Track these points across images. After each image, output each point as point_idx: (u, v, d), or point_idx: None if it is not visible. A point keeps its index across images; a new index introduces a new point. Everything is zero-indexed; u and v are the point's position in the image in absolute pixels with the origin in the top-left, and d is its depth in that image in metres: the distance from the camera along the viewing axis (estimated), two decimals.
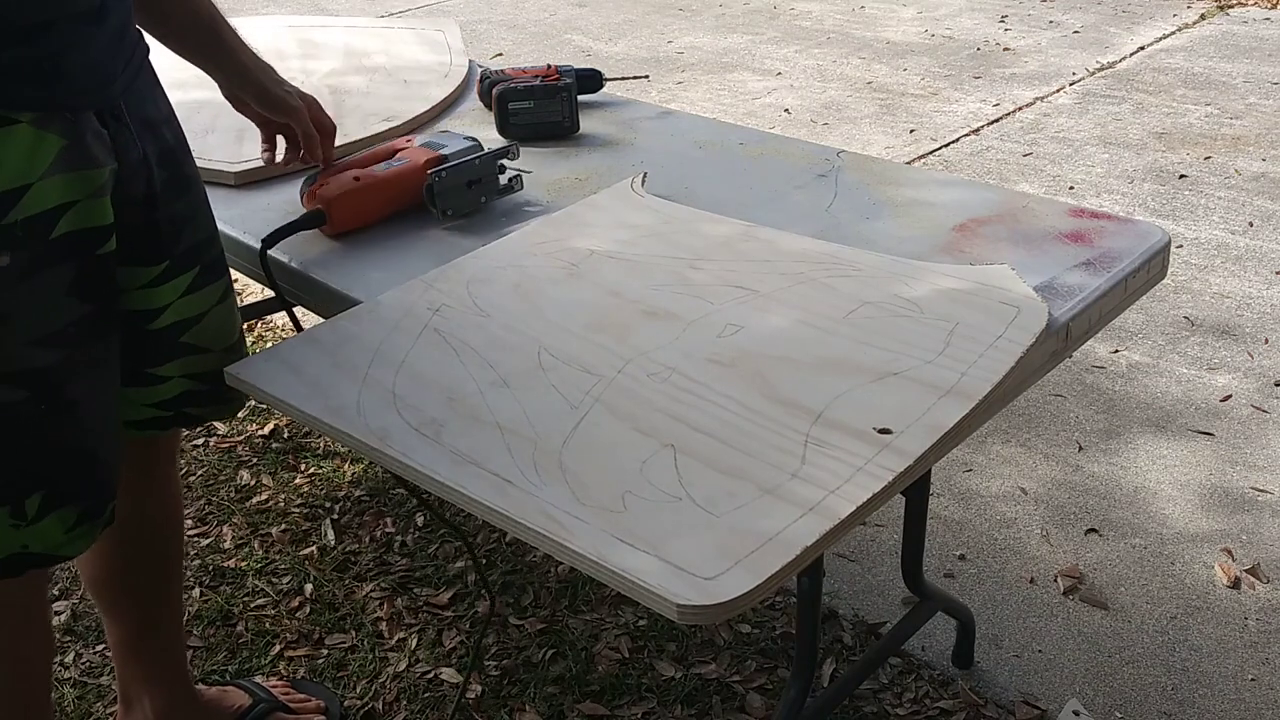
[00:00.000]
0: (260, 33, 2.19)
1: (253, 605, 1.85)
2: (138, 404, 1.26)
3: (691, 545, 0.88)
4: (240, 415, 2.35)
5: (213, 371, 1.24)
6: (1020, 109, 3.95)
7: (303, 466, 2.19)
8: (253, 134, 1.70)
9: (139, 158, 1.13)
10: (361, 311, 1.22)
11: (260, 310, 2.53)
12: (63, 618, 1.84)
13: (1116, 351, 2.47)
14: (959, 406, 1.02)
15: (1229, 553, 1.88)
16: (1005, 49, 4.64)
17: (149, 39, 1.21)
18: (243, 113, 1.42)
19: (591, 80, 1.84)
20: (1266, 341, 2.48)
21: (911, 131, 3.78)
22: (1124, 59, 4.43)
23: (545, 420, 1.03)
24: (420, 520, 2.02)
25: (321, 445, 2.24)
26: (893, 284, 1.23)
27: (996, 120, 3.86)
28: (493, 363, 1.11)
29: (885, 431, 0.99)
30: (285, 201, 1.53)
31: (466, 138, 1.52)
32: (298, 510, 2.07)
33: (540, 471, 0.96)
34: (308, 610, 1.83)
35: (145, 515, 1.39)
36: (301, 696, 1.61)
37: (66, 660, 1.76)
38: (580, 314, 1.20)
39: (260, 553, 1.97)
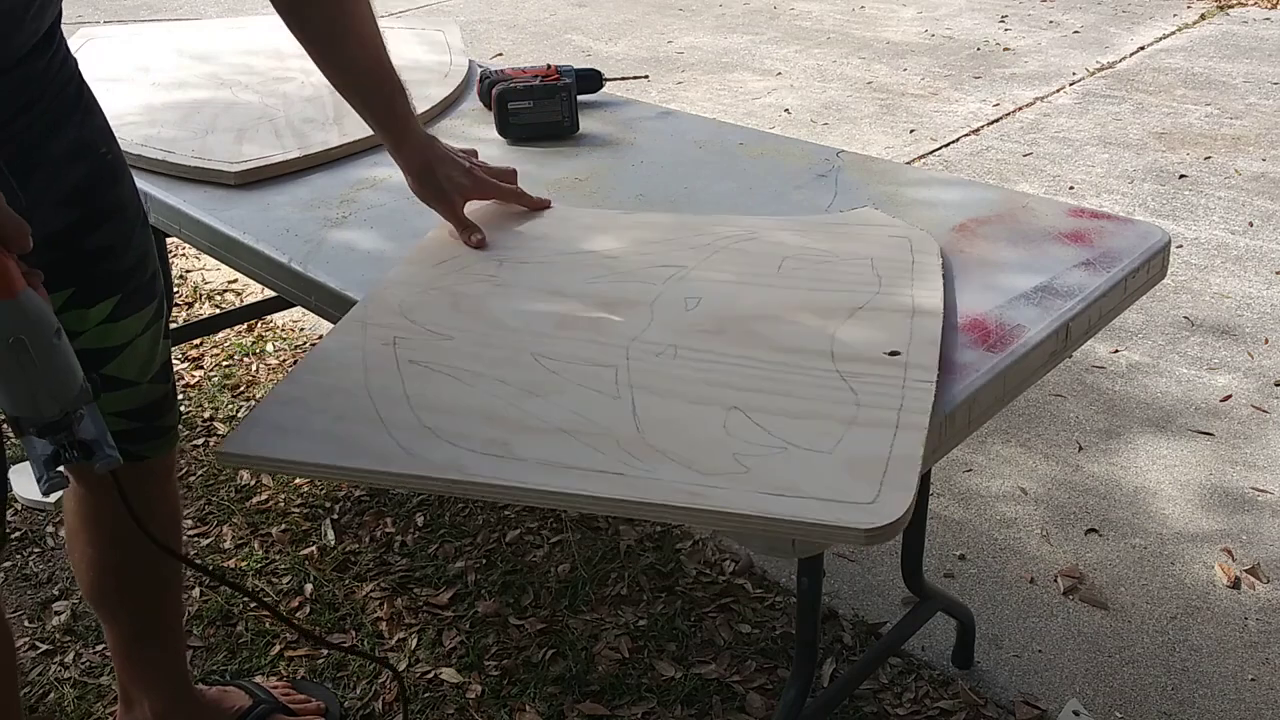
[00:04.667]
0: (260, 33, 2.20)
1: (253, 605, 1.85)
2: None
3: (830, 481, 0.91)
4: (240, 415, 2.35)
5: (143, 406, 1.19)
6: (1020, 109, 3.95)
7: None
8: (253, 134, 1.70)
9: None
10: (314, 364, 1.14)
11: (260, 310, 2.54)
12: (63, 618, 1.84)
13: (1116, 351, 2.47)
14: (933, 321, 1.13)
15: (1229, 553, 1.88)
16: (1005, 49, 4.64)
17: None
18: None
19: (591, 80, 1.83)
20: (1266, 341, 2.48)
21: (911, 131, 3.78)
22: (1124, 59, 4.43)
23: (600, 415, 1.01)
24: (420, 520, 2.02)
25: None
26: (791, 238, 1.31)
27: (996, 120, 3.86)
28: (501, 377, 1.09)
29: (895, 354, 1.08)
30: (286, 201, 1.53)
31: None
32: (298, 510, 2.07)
33: (640, 457, 0.95)
34: (308, 610, 1.83)
35: (139, 531, 1.37)
36: (301, 697, 1.61)
37: (66, 660, 1.76)
38: (541, 317, 1.18)
39: (260, 553, 1.97)
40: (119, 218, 1.18)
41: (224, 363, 2.58)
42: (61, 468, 0.93)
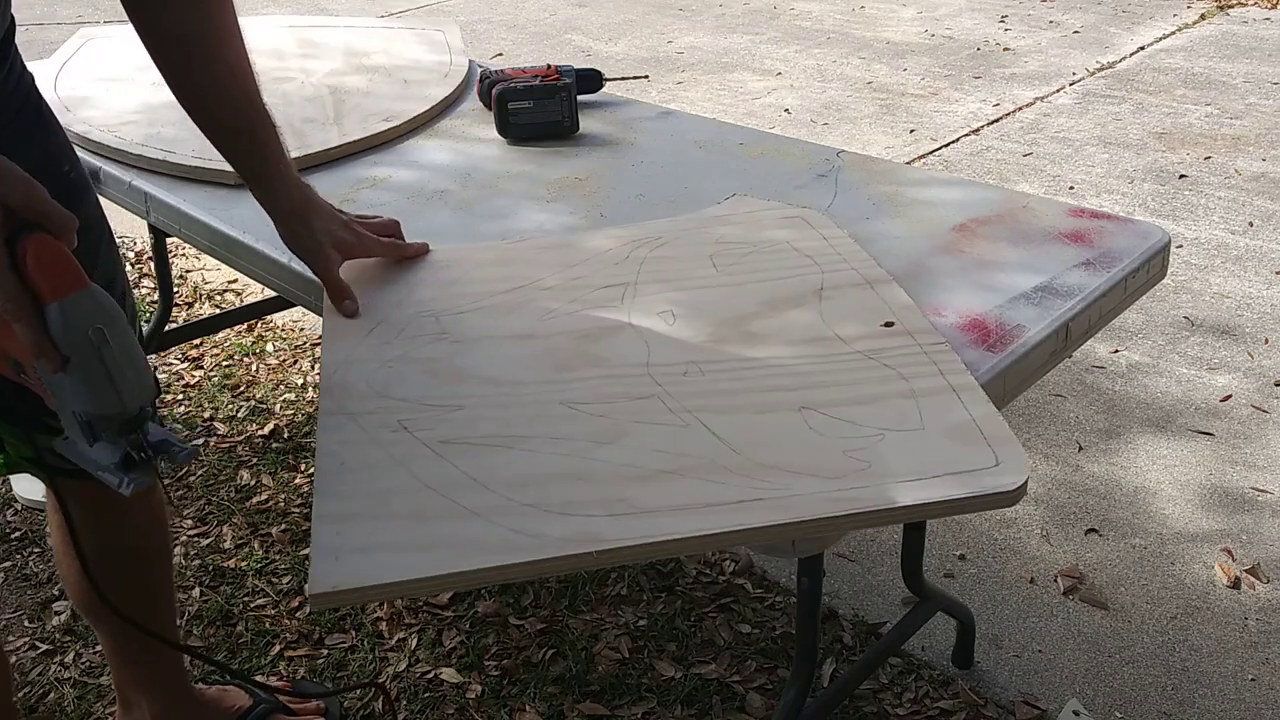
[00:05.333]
0: (260, 33, 2.20)
1: (253, 605, 1.85)
2: (47, 449, 1.18)
3: (947, 455, 0.93)
4: (240, 415, 2.35)
5: None
6: (1020, 109, 3.95)
7: (303, 466, 2.18)
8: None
9: None
10: (334, 471, 1.00)
11: (260, 310, 2.54)
12: (63, 618, 1.84)
13: (1116, 351, 2.47)
14: (894, 288, 1.19)
15: (1229, 553, 1.88)
16: (1005, 49, 4.64)
17: None
18: None
19: (591, 80, 1.83)
20: (1266, 341, 2.48)
21: (911, 131, 3.78)
22: (1124, 59, 4.43)
23: (686, 446, 0.98)
24: None
25: None
26: (700, 234, 1.33)
27: (996, 120, 3.86)
28: (551, 434, 1.01)
29: (890, 324, 1.11)
30: None
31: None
32: (298, 510, 2.07)
33: (766, 478, 0.93)
34: (307, 610, 1.83)
35: (124, 546, 1.34)
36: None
37: (66, 660, 1.76)
38: (533, 366, 1.12)
39: (260, 553, 1.97)
40: (84, 237, 1.13)
41: (224, 363, 2.58)
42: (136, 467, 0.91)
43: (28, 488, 2.12)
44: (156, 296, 2.27)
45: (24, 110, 1.11)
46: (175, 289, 2.85)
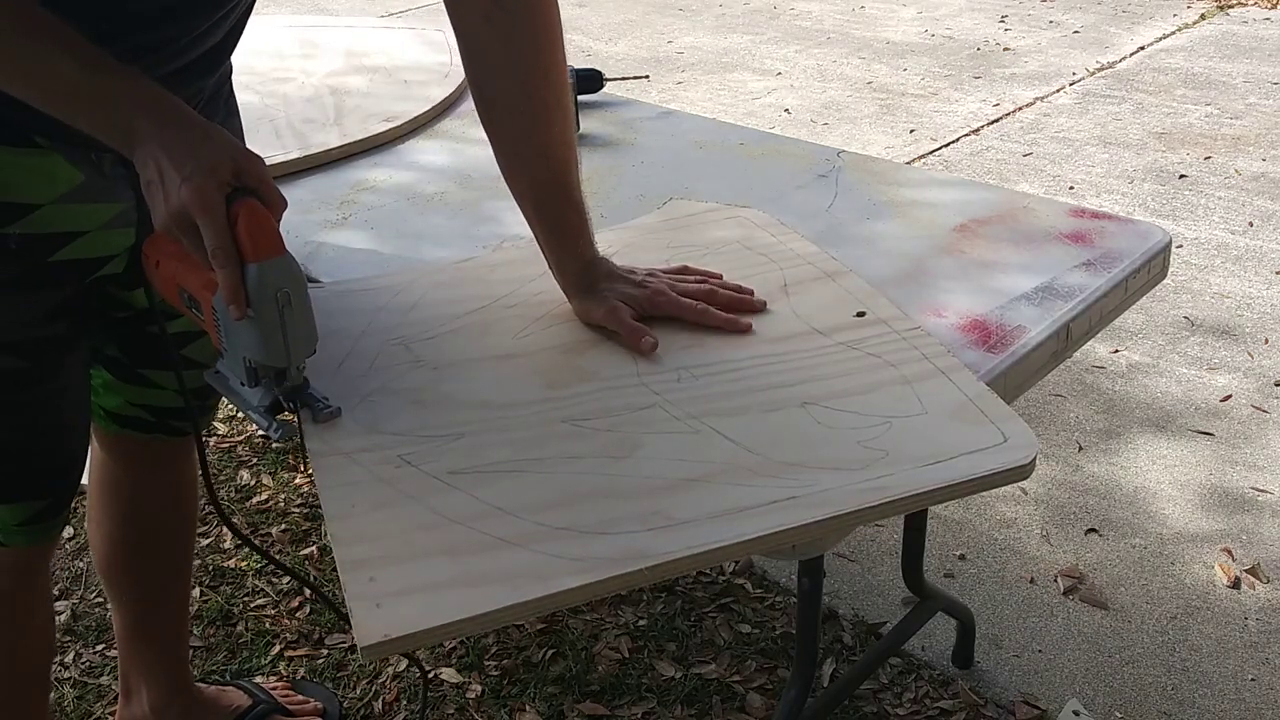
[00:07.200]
0: (260, 33, 2.19)
1: (253, 605, 1.85)
2: (125, 400, 1.28)
3: (956, 436, 0.95)
4: (240, 415, 2.35)
5: (204, 386, 1.20)
6: (1020, 109, 3.95)
7: (303, 466, 2.19)
8: (253, 134, 1.69)
9: None
10: (344, 513, 0.95)
11: None
12: (63, 618, 1.84)
13: (1116, 351, 2.47)
14: (854, 278, 1.20)
15: (1229, 553, 1.88)
16: (1005, 49, 4.64)
17: None
18: None
19: (591, 80, 1.83)
20: (1266, 341, 2.48)
21: (911, 131, 3.78)
22: (1124, 59, 4.43)
23: (708, 453, 0.97)
24: None
25: None
26: (649, 241, 1.33)
27: (996, 120, 3.86)
28: (564, 454, 0.98)
29: (862, 314, 1.13)
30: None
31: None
32: (298, 510, 2.07)
33: (790, 477, 0.93)
34: (307, 610, 1.83)
35: (156, 505, 1.41)
36: (300, 698, 1.61)
37: (66, 660, 1.76)
38: (523, 386, 1.09)
39: None
40: None
41: None
42: (282, 415, 0.99)
43: None
44: None
45: (228, 103, 1.22)
46: None
